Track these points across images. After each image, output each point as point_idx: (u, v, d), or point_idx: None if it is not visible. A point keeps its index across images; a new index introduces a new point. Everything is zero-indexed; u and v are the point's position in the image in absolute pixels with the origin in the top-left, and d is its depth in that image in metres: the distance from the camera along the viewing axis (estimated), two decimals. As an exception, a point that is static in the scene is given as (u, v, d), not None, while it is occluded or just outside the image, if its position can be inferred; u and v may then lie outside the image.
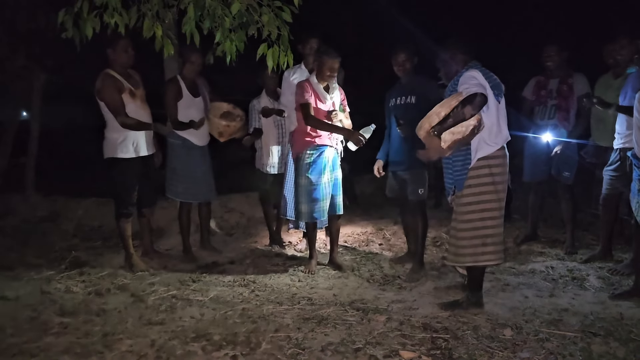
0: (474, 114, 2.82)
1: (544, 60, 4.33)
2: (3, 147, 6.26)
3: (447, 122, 2.85)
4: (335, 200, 4.06)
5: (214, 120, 4.23)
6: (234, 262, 4.29)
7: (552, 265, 3.97)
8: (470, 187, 3.03)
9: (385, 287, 3.68)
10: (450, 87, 3.13)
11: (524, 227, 5.00)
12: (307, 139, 3.95)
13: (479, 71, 2.99)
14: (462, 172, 3.05)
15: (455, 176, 3.09)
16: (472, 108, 2.80)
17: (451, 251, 3.16)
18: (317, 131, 3.91)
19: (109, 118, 3.90)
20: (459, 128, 2.84)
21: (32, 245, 4.99)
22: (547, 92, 4.30)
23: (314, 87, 3.92)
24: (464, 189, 3.04)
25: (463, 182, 3.04)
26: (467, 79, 2.95)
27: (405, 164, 3.85)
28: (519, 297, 3.39)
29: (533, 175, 4.44)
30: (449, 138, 2.87)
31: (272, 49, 3.44)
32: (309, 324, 3.00)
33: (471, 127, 2.84)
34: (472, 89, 2.83)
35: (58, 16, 3.35)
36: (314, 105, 3.90)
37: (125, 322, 3.07)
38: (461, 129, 2.85)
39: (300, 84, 3.98)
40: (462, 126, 2.84)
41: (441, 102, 3.01)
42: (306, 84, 3.93)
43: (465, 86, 2.87)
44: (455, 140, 2.87)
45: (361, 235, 5.12)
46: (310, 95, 3.88)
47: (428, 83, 3.80)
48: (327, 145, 3.96)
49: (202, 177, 4.33)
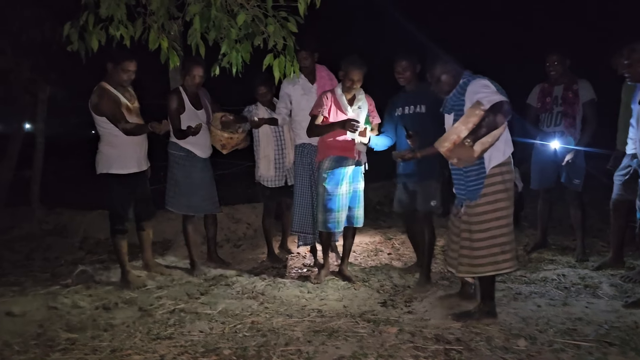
0: (504, 122, 2.83)
1: (547, 68, 4.31)
2: (8, 160, 6.25)
3: (480, 131, 2.80)
4: (353, 212, 4.01)
5: (216, 132, 4.20)
6: (242, 274, 4.25)
7: (563, 273, 3.92)
8: (485, 195, 2.99)
9: (395, 297, 3.63)
10: (453, 99, 3.06)
11: (533, 234, 4.96)
12: (327, 148, 3.92)
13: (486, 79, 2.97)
14: (477, 182, 3.00)
15: (468, 187, 3.04)
16: (504, 116, 2.80)
17: (464, 262, 3.09)
18: (338, 142, 3.86)
19: (104, 132, 3.85)
20: (487, 138, 2.83)
21: (38, 259, 4.99)
22: (552, 99, 4.28)
23: (337, 98, 3.88)
24: (481, 198, 3.00)
25: (478, 192, 3.00)
26: (479, 87, 2.92)
27: (417, 176, 3.78)
28: (532, 306, 3.34)
29: (541, 183, 4.41)
30: (479, 148, 2.86)
31: (279, 59, 3.42)
32: (319, 337, 2.96)
33: (497, 135, 2.83)
34: (493, 97, 2.82)
35: (64, 29, 3.33)
36: (335, 115, 3.87)
37: (134, 337, 3.03)
38: (489, 139, 2.84)
39: (320, 94, 3.97)
40: (490, 136, 2.83)
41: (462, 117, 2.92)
42: (325, 96, 3.90)
43: (483, 95, 2.84)
44: (484, 149, 2.87)
45: (369, 245, 5.08)
46: (324, 109, 3.86)
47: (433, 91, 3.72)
48: (348, 157, 3.91)
49: (205, 190, 4.28)
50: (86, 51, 3.46)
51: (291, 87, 4.26)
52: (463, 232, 3.10)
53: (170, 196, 4.24)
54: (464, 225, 3.09)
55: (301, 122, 4.17)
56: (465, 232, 3.08)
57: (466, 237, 3.08)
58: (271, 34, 3.44)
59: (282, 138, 4.51)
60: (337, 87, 3.91)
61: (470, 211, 3.04)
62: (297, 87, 4.25)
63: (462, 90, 2.99)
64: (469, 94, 2.93)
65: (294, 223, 4.29)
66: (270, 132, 4.48)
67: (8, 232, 5.81)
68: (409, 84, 3.81)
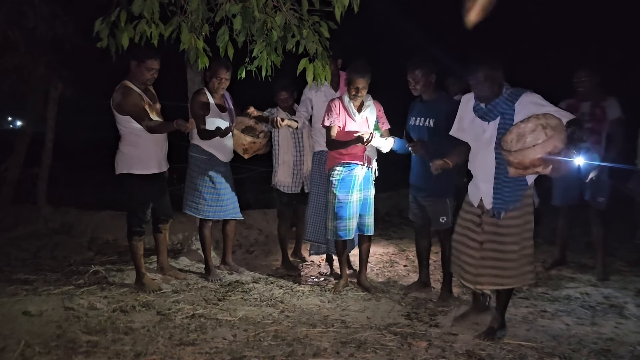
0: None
1: (575, 85, 4.29)
2: (15, 157, 6.14)
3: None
4: (364, 220, 3.96)
5: (240, 136, 4.14)
6: (258, 281, 4.17)
7: (586, 292, 3.88)
8: (522, 207, 2.97)
9: (418, 310, 3.56)
10: (501, 106, 2.95)
11: (548, 250, 4.92)
12: (337, 155, 3.88)
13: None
14: (518, 193, 2.95)
15: (505, 198, 2.97)
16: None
17: (487, 274, 3.02)
18: (350, 149, 3.83)
19: (125, 132, 3.78)
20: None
21: (46, 258, 4.89)
22: (579, 116, 4.26)
23: (345, 105, 3.85)
24: (513, 210, 2.96)
25: (516, 203, 2.96)
26: (539, 99, 2.90)
27: (426, 191, 3.72)
28: (560, 324, 3.29)
29: (564, 199, 4.37)
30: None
31: (314, 63, 3.37)
32: (347, 348, 2.89)
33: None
34: (562, 112, 2.84)
35: (94, 25, 3.26)
36: (343, 124, 3.83)
37: (156, 341, 2.95)
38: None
39: (329, 103, 3.92)
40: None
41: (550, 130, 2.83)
42: (333, 104, 3.87)
43: (553, 109, 2.85)
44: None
45: (384, 255, 5.02)
46: (336, 117, 3.82)
47: (447, 103, 3.62)
48: (357, 164, 3.88)
49: (226, 194, 4.21)
50: (116, 48, 3.38)
51: (314, 92, 4.21)
52: (487, 243, 3.02)
53: (188, 199, 4.16)
54: (489, 236, 3.02)
55: (321, 130, 4.11)
56: (491, 243, 3.01)
57: (491, 247, 3.01)
58: (304, 38, 3.39)
59: (302, 144, 4.46)
60: (344, 94, 3.87)
61: (503, 222, 2.99)
62: (320, 93, 4.20)
63: (512, 98, 2.93)
64: (525, 104, 2.88)
65: (307, 231, 4.24)
66: (290, 137, 4.43)
67: (13, 229, 5.70)
68: (425, 94, 3.72)
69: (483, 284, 3.09)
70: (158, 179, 3.91)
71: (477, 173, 3.12)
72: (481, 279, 3.06)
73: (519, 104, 2.90)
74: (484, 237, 3.05)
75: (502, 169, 2.93)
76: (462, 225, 3.18)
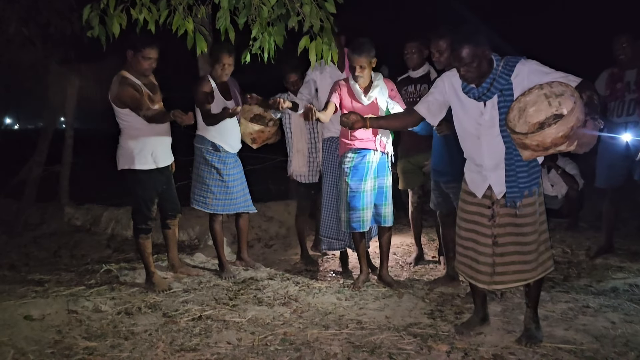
0: None
1: (616, 52, 3.85)
2: (38, 155, 6.13)
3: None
4: (380, 210, 3.65)
5: (247, 124, 3.90)
6: (274, 278, 3.95)
7: (636, 283, 3.46)
8: (536, 194, 2.64)
9: (443, 308, 3.25)
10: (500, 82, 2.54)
11: (594, 237, 4.48)
12: (346, 141, 3.58)
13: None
14: (532, 177, 2.61)
15: (521, 185, 2.59)
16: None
17: (510, 270, 2.64)
18: (358, 134, 3.52)
19: (125, 126, 3.59)
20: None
21: (65, 257, 4.85)
22: (623, 85, 3.81)
23: (350, 87, 3.55)
24: (529, 197, 2.61)
25: (533, 187, 2.61)
26: (539, 66, 2.52)
27: (449, 175, 3.36)
28: (604, 322, 2.91)
29: (610, 181, 3.93)
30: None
31: (315, 41, 3.08)
32: (359, 354, 2.63)
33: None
34: (570, 76, 2.44)
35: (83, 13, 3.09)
36: (350, 105, 3.53)
37: (156, 347, 2.77)
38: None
39: (333, 85, 3.64)
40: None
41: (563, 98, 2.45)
42: (338, 85, 3.59)
43: (558, 74, 2.46)
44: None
45: (410, 246, 4.69)
46: (335, 95, 3.54)
47: None
48: (370, 149, 3.57)
49: (236, 187, 3.99)
50: (107, 37, 3.20)
51: (318, 73, 3.86)
52: (503, 236, 2.64)
53: (195, 193, 3.97)
54: (505, 229, 2.63)
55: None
56: (509, 236, 2.63)
57: (510, 241, 2.64)
58: (307, 15, 3.10)
59: (316, 131, 4.18)
60: (350, 76, 3.56)
61: (520, 212, 2.61)
62: (325, 74, 3.86)
63: (508, 71, 2.54)
64: (525, 76, 2.50)
65: (320, 226, 3.94)
66: (304, 124, 4.15)
67: (37, 228, 5.71)
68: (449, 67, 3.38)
69: (503, 283, 2.70)
70: (162, 173, 3.73)
71: (482, 160, 2.68)
72: (499, 277, 2.67)
73: (516, 77, 2.52)
74: (498, 231, 2.65)
75: (513, 152, 2.55)
76: (466, 220, 2.79)
